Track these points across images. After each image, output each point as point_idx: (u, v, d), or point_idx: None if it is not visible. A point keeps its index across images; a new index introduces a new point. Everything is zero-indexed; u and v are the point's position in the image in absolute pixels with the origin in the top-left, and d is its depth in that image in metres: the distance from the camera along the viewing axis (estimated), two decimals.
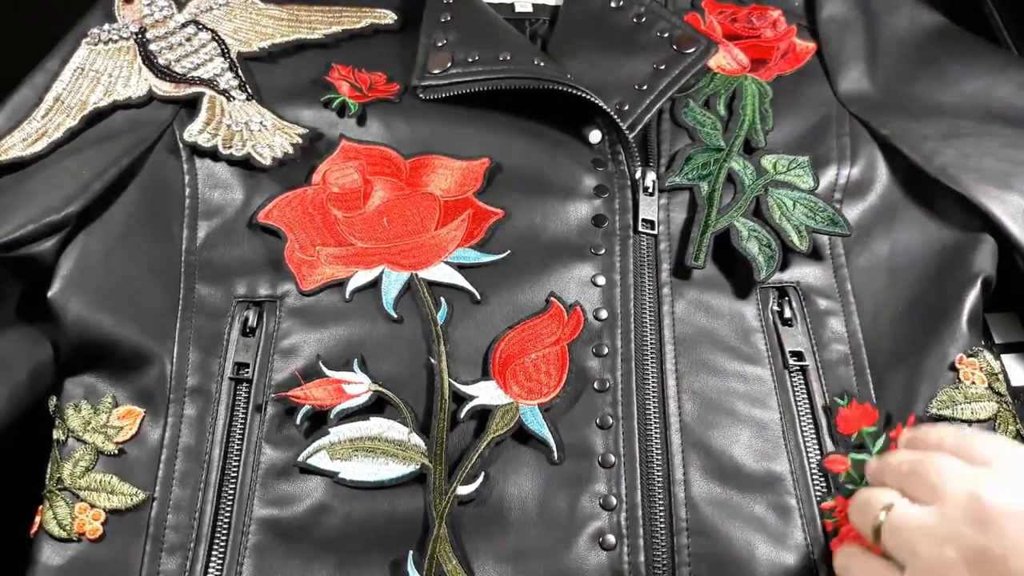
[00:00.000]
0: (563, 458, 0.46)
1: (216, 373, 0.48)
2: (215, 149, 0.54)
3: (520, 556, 0.44)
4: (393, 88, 0.58)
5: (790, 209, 0.52)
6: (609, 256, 0.52)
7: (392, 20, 0.63)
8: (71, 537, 0.44)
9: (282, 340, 0.49)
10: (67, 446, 0.46)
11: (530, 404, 0.46)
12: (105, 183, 0.51)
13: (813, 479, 0.46)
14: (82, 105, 0.56)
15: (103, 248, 0.51)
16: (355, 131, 0.56)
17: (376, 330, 0.49)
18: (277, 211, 0.53)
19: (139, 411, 0.48)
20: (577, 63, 0.58)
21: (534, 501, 0.45)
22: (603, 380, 0.48)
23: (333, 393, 0.46)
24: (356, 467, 0.45)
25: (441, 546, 0.43)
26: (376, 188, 0.54)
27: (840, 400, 0.47)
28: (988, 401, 0.47)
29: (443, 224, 0.52)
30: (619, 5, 0.61)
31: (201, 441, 0.47)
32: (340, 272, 0.50)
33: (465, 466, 0.44)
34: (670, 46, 0.59)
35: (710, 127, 0.57)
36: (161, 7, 0.61)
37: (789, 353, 0.49)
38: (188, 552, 0.44)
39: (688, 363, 0.49)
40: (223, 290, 0.51)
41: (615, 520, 0.45)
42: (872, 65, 0.60)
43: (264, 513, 0.45)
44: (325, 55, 0.60)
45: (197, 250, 0.52)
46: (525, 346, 0.48)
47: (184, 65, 0.58)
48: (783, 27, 0.63)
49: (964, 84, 0.58)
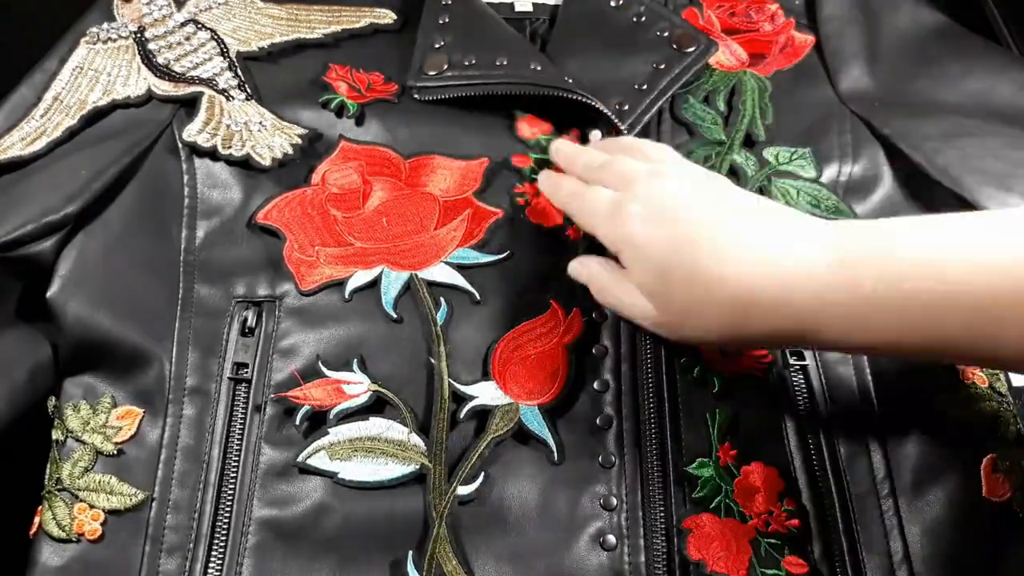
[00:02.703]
0: (563, 458, 0.46)
1: (215, 373, 0.48)
2: (214, 149, 0.54)
3: (520, 556, 0.43)
4: (391, 88, 0.58)
5: (795, 198, 0.52)
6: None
7: (391, 20, 0.63)
8: (70, 538, 0.44)
9: (281, 340, 0.49)
10: (66, 446, 0.46)
11: (530, 404, 0.46)
12: (104, 183, 0.51)
13: (814, 477, 0.46)
14: (81, 104, 0.55)
15: (102, 248, 0.51)
16: (354, 131, 0.56)
17: (376, 330, 0.49)
18: (276, 211, 0.53)
19: (138, 411, 0.47)
20: (576, 63, 0.58)
21: (534, 501, 0.45)
22: (603, 380, 0.48)
23: (332, 393, 0.46)
24: (356, 467, 0.45)
25: (441, 546, 0.43)
26: (375, 188, 0.54)
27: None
28: (988, 401, 0.47)
29: (442, 224, 0.52)
30: (619, 5, 0.61)
31: (200, 441, 0.47)
32: (339, 272, 0.50)
33: (465, 466, 0.44)
34: (670, 45, 0.59)
35: (710, 122, 0.57)
36: (160, 6, 0.61)
37: (789, 352, 0.49)
38: (187, 552, 0.44)
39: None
40: (222, 290, 0.51)
41: (615, 520, 0.45)
42: (873, 64, 0.60)
43: (264, 513, 0.45)
44: (324, 55, 0.60)
45: (196, 250, 0.52)
46: (525, 346, 0.48)
47: (183, 64, 0.58)
48: (781, 20, 0.63)
49: (965, 84, 0.58)
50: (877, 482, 0.46)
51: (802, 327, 0.38)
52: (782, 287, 0.38)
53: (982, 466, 0.46)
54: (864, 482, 0.46)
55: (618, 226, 0.43)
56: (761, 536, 0.44)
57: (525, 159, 0.55)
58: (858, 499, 0.45)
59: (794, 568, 0.43)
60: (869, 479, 0.46)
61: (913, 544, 0.44)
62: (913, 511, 0.45)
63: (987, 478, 0.45)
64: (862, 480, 0.46)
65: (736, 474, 0.46)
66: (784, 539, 0.44)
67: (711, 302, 0.40)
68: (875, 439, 0.47)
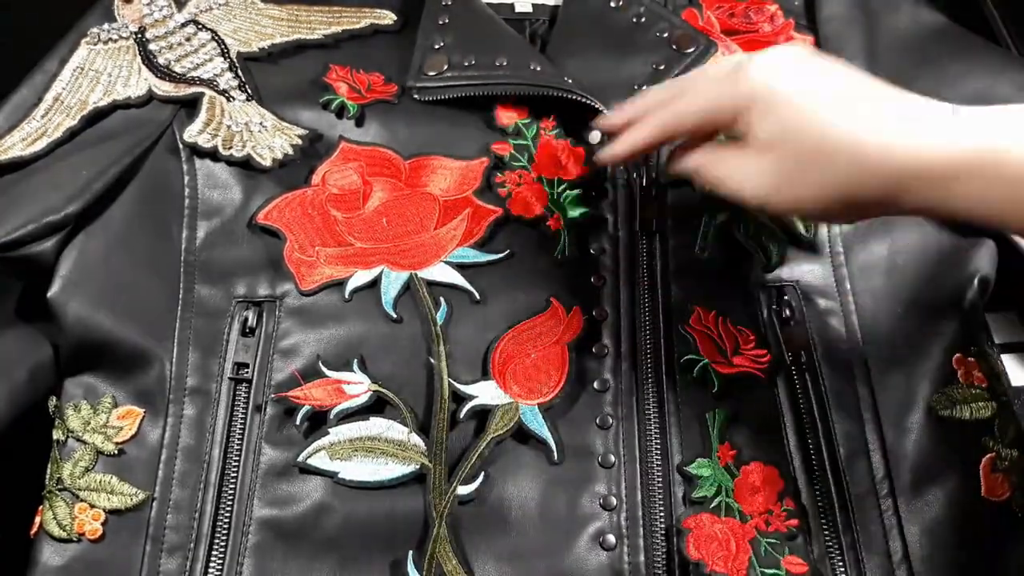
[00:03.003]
0: (563, 458, 0.46)
1: (216, 373, 0.49)
2: (215, 150, 0.54)
3: (520, 556, 0.44)
4: (391, 89, 0.58)
5: None
6: (608, 256, 0.52)
7: (392, 21, 0.63)
8: (71, 537, 0.44)
9: (282, 340, 0.49)
10: (67, 446, 0.47)
11: (530, 404, 0.46)
12: (105, 183, 0.51)
13: (814, 477, 0.46)
14: (82, 105, 0.56)
15: (103, 248, 0.51)
16: (354, 132, 0.56)
17: (376, 330, 0.49)
18: (277, 212, 0.53)
19: (139, 411, 0.48)
20: (576, 63, 0.58)
21: (534, 501, 0.45)
22: (603, 380, 0.48)
23: (333, 393, 0.46)
24: (356, 467, 0.45)
25: (441, 546, 0.43)
26: (375, 189, 0.54)
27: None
28: (988, 401, 0.47)
29: (442, 224, 0.52)
30: (618, 5, 0.61)
31: (201, 441, 0.47)
32: (339, 272, 0.50)
33: (465, 466, 0.45)
34: (669, 46, 0.59)
35: None
36: (161, 7, 0.61)
37: (789, 353, 0.49)
38: (188, 552, 0.44)
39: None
40: (223, 290, 0.51)
41: (615, 520, 0.45)
42: (872, 64, 0.60)
43: (264, 513, 0.45)
44: (324, 56, 0.60)
45: (197, 250, 0.52)
46: (525, 346, 0.48)
47: (184, 65, 0.58)
48: (780, 21, 0.63)
49: (964, 84, 0.58)
50: (876, 482, 0.46)
51: (945, 203, 0.36)
52: (944, 163, 0.35)
53: (981, 466, 0.46)
54: (863, 482, 0.46)
55: (741, 81, 0.40)
56: (761, 536, 0.44)
57: (504, 145, 0.55)
58: (857, 499, 0.45)
59: (794, 568, 0.43)
60: (868, 479, 0.46)
61: (912, 544, 0.44)
62: (912, 511, 0.45)
63: (986, 478, 0.45)
64: (861, 480, 0.46)
65: (736, 474, 0.46)
66: (784, 539, 0.44)
67: (857, 171, 0.37)
68: (875, 439, 0.47)
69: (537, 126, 0.56)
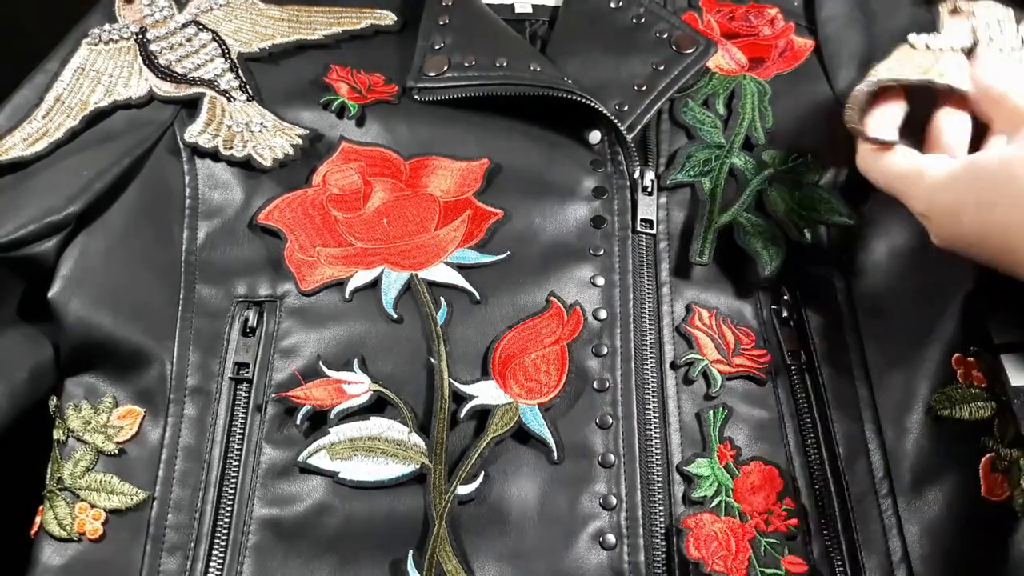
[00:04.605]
0: (563, 458, 0.46)
1: (216, 373, 0.49)
2: (216, 150, 0.54)
3: (520, 556, 0.44)
4: (392, 89, 0.58)
5: (793, 201, 0.52)
6: (608, 257, 0.52)
7: (392, 21, 0.63)
8: (71, 537, 0.45)
9: (282, 340, 0.49)
10: (67, 446, 0.47)
11: (530, 404, 0.46)
12: (106, 183, 0.51)
13: (814, 477, 0.46)
14: (83, 105, 0.56)
15: (104, 248, 0.51)
16: (355, 133, 0.57)
17: (376, 330, 0.49)
18: (277, 212, 0.53)
19: (139, 411, 0.48)
20: (576, 64, 0.58)
21: (534, 501, 0.45)
22: (603, 380, 0.48)
23: (333, 393, 0.46)
24: (356, 467, 0.45)
25: (441, 546, 0.43)
26: (376, 189, 0.54)
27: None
28: (987, 401, 0.47)
29: (443, 224, 0.52)
30: (618, 6, 0.61)
31: (201, 441, 0.47)
32: (340, 272, 0.51)
33: (465, 466, 0.45)
34: (669, 46, 0.59)
35: (710, 125, 0.57)
36: (161, 7, 0.61)
37: (788, 353, 0.49)
38: (188, 552, 0.44)
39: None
40: (223, 290, 0.51)
41: (615, 520, 0.45)
42: (872, 64, 0.60)
43: (264, 513, 0.45)
44: (325, 56, 0.60)
45: (197, 250, 0.52)
46: (525, 346, 0.48)
47: (185, 65, 0.58)
48: (781, 24, 0.63)
49: None
50: (876, 482, 0.46)
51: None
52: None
53: (981, 466, 0.46)
54: (863, 482, 0.46)
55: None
56: (760, 535, 0.44)
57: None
58: (857, 499, 0.46)
59: (793, 567, 0.43)
60: (868, 479, 0.46)
61: (912, 544, 0.45)
62: (912, 511, 0.45)
63: (986, 478, 0.45)
64: (861, 480, 0.46)
65: (736, 473, 0.46)
66: (783, 538, 0.44)
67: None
68: (874, 439, 0.47)
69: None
